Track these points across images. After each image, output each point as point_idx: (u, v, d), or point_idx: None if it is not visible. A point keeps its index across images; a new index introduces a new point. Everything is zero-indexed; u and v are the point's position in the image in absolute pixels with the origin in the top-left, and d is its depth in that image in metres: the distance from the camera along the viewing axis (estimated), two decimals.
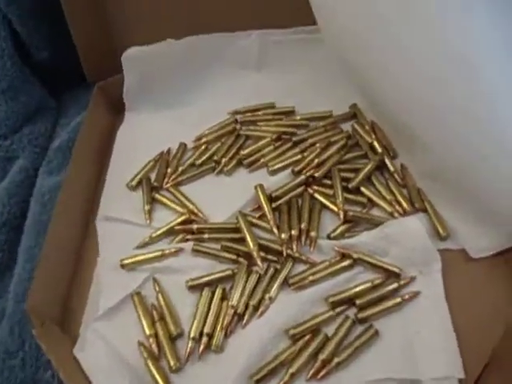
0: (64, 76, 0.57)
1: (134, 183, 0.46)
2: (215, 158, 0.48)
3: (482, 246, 0.38)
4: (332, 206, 0.42)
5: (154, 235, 0.42)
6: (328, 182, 0.44)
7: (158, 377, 0.33)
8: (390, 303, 0.35)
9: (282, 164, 0.46)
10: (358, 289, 0.36)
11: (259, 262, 0.37)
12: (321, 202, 0.43)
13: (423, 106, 0.37)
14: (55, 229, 0.39)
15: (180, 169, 0.47)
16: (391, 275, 0.37)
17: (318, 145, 0.47)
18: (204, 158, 0.48)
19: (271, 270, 0.38)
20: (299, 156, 0.46)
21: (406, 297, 0.36)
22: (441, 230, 0.40)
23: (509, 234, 0.37)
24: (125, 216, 0.44)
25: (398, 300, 0.35)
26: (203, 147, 0.49)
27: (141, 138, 0.51)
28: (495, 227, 0.37)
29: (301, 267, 0.39)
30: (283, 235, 0.39)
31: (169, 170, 0.47)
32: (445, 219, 0.41)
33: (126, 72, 0.51)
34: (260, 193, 0.43)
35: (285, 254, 0.38)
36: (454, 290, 0.36)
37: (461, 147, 0.36)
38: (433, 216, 0.41)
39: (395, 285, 0.36)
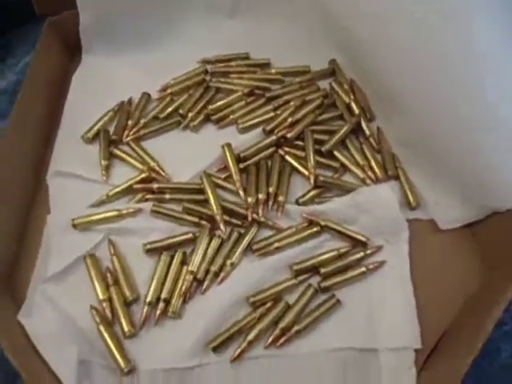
0: (12, 10, 0.50)
1: (89, 135, 0.42)
2: (181, 111, 0.44)
3: (450, 217, 0.38)
4: (303, 170, 0.40)
5: (110, 193, 0.38)
6: (300, 143, 0.41)
7: (110, 342, 0.31)
8: (354, 272, 0.35)
9: (253, 122, 0.43)
10: (323, 257, 0.35)
11: (222, 226, 0.35)
12: (291, 165, 0.40)
13: (413, 67, 0.35)
14: None
15: (142, 121, 0.43)
16: (358, 244, 0.36)
17: (292, 103, 0.44)
18: (169, 110, 0.44)
19: (235, 235, 0.36)
20: (272, 114, 0.43)
21: (371, 266, 0.35)
22: (411, 199, 0.39)
23: (478, 207, 0.36)
24: (79, 171, 0.40)
25: (363, 269, 0.35)
26: (168, 99, 0.45)
27: (99, 85, 0.46)
28: (465, 200, 0.37)
29: (266, 233, 0.37)
30: (249, 199, 0.37)
31: (129, 123, 0.43)
32: (416, 188, 0.39)
33: (82, 7, 0.45)
34: (227, 152, 0.40)
35: (250, 218, 0.36)
36: (420, 260, 0.36)
37: (445, 116, 0.34)
38: (405, 184, 0.39)
39: (361, 254, 0.35)
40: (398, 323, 0.33)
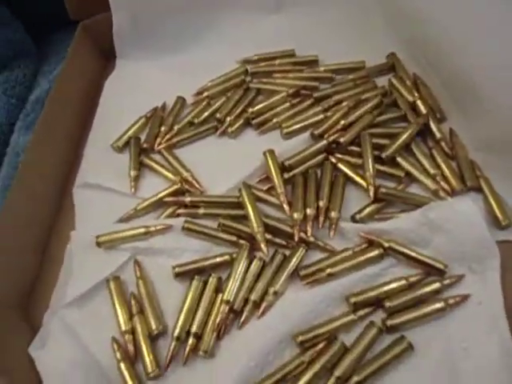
0: (46, 18, 0.48)
1: (120, 143, 0.39)
2: (218, 115, 0.39)
3: None
4: (360, 180, 0.34)
5: (139, 207, 0.34)
6: (356, 149, 0.35)
7: None
8: (429, 309, 0.27)
9: (299, 125, 0.37)
10: (388, 287, 0.29)
11: (264, 247, 0.30)
12: (345, 175, 0.34)
13: (496, 53, 0.28)
14: (13, 197, 0.32)
15: (176, 128, 0.39)
16: (433, 272, 0.29)
17: (345, 103, 0.38)
18: (205, 115, 0.40)
19: (278, 257, 0.30)
20: (321, 116, 0.37)
21: (451, 301, 0.28)
22: (500, 216, 0.31)
23: None
24: (106, 183, 0.36)
25: (441, 305, 0.27)
26: (205, 103, 0.41)
27: (132, 90, 0.43)
28: None
29: (316, 256, 0.31)
30: (296, 214, 0.31)
31: (162, 129, 0.39)
32: (504, 202, 0.31)
33: (115, 9, 0.42)
34: (270, 160, 0.34)
35: (297, 238, 0.31)
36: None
37: None
38: (490, 197, 0.32)
39: (437, 285, 0.28)
40: (489, 376, 0.25)
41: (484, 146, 0.34)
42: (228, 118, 0.39)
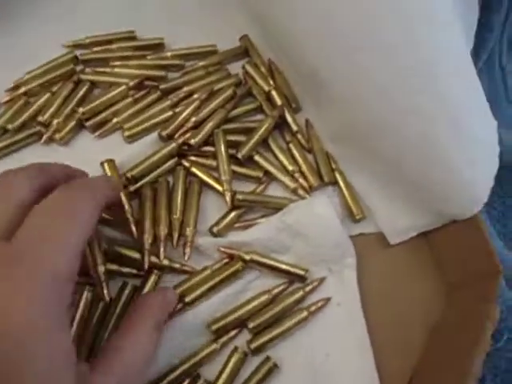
0: None
1: None
2: (41, 118, 0.31)
3: (401, 227, 0.30)
4: (216, 186, 0.30)
5: None
6: (210, 149, 0.32)
7: None
8: (292, 321, 0.26)
9: (144, 125, 0.32)
10: (251, 305, 0.27)
11: (104, 289, 0.25)
12: (201, 180, 0.31)
13: (343, 43, 0.26)
14: None
15: None
16: (295, 279, 0.28)
17: (196, 95, 0.33)
18: (24, 118, 0.31)
19: (128, 291, 0.26)
20: (169, 113, 0.32)
21: (313, 308, 0.27)
22: (355, 210, 0.31)
23: (433, 214, 0.29)
24: None
25: (304, 315, 0.27)
26: (22, 101, 0.32)
27: None
28: (417, 205, 0.30)
29: (173, 279, 0.27)
30: (145, 236, 0.27)
31: None
32: (359, 195, 0.32)
33: None
34: (109, 171, 0.29)
35: (146, 266, 0.26)
36: (370, 288, 0.29)
37: (381, 99, 0.26)
38: (345, 191, 0.31)
39: (300, 293, 0.27)
40: (351, 380, 0.25)
41: (337, 138, 0.33)
42: (55, 121, 0.31)
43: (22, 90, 0.33)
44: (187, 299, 0.26)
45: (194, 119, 0.32)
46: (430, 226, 0.30)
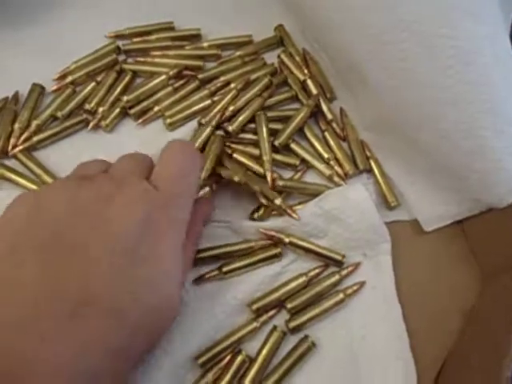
0: None
1: None
2: (88, 106, 0.33)
3: (436, 214, 0.31)
4: (256, 167, 0.31)
5: None
6: (248, 136, 0.33)
7: None
8: (329, 303, 0.27)
9: (184, 113, 0.33)
10: (288, 287, 0.28)
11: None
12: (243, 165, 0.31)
13: (382, 35, 0.27)
14: None
15: (34, 124, 0.32)
16: (331, 263, 0.29)
17: (233, 84, 0.34)
18: (71, 106, 0.33)
19: None
20: (208, 101, 0.34)
21: (349, 291, 0.28)
22: (389, 198, 0.31)
23: (469, 201, 0.29)
24: None
25: (340, 297, 0.27)
26: (69, 90, 0.34)
27: None
28: (453, 192, 0.30)
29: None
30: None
31: (16, 126, 0.32)
32: (393, 182, 0.32)
33: None
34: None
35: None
36: (405, 274, 0.29)
37: (424, 89, 0.27)
38: (380, 179, 0.32)
39: (336, 277, 0.28)
40: (387, 364, 0.26)
41: (372, 126, 0.33)
42: (101, 109, 0.33)
43: (69, 79, 0.34)
44: (225, 269, 0.27)
45: (231, 108, 0.33)
46: (465, 213, 0.30)
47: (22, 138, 0.32)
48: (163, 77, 0.34)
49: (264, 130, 0.32)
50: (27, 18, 0.36)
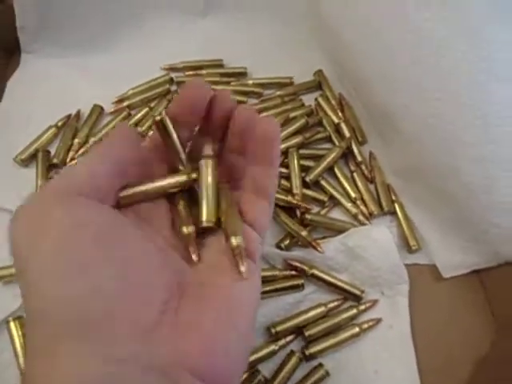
0: None
1: (24, 156, 0.34)
2: (140, 128, 0.37)
3: (455, 262, 0.32)
4: (286, 198, 0.33)
5: None
6: (283, 170, 0.35)
7: None
8: (345, 335, 0.29)
9: None
10: (307, 315, 0.29)
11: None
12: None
13: (412, 82, 0.30)
14: None
15: (91, 140, 0.36)
16: (350, 297, 0.30)
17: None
18: None
19: None
20: None
21: (365, 326, 0.29)
22: (411, 241, 0.33)
23: (488, 253, 0.31)
24: (8, 204, 0.32)
25: (356, 330, 0.29)
26: (125, 113, 0.38)
27: (40, 94, 0.38)
28: (473, 242, 0.31)
29: None
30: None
31: (76, 141, 0.36)
32: (415, 227, 0.34)
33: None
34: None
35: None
36: (421, 316, 0.30)
37: (451, 145, 0.29)
38: (403, 222, 0.34)
39: (354, 311, 0.29)
40: None
41: (399, 172, 0.36)
42: (151, 132, 0.36)
43: (126, 103, 0.38)
44: None
45: None
46: (484, 264, 0.31)
47: (80, 151, 0.35)
48: None
49: (296, 165, 0.34)
50: (95, 47, 0.41)
